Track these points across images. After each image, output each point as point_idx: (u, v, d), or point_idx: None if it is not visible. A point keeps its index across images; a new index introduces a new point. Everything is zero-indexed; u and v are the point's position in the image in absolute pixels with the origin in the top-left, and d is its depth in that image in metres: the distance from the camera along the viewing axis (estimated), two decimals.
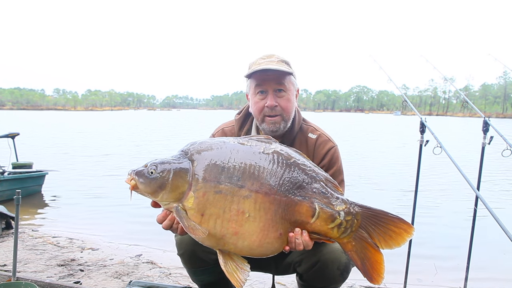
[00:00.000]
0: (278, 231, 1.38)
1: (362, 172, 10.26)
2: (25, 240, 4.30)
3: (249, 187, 1.35)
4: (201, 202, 1.34)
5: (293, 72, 1.79)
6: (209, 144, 1.43)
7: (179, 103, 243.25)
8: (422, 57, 3.44)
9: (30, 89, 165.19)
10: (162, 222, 1.46)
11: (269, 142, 1.47)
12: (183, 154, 1.42)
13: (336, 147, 1.87)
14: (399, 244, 1.39)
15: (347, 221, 1.39)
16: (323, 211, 1.38)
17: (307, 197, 1.38)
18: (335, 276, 1.74)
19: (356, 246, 1.41)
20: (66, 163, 11.09)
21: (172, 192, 1.37)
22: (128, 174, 1.41)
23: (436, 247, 4.73)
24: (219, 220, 1.34)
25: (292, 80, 1.80)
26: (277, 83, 1.74)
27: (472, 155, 12.00)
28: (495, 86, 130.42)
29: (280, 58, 1.79)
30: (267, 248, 1.40)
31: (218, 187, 1.34)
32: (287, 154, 1.43)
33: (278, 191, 1.37)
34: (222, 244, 1.38)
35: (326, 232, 1.40)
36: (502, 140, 2.60)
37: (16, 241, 2.34)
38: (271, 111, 1.75)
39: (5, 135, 7.07)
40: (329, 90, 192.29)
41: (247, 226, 1.35)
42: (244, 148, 1.41)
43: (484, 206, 2.18)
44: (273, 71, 1.72)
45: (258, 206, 1.35)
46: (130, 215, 6.06)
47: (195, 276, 1.94)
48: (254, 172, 1.36)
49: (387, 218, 1.40)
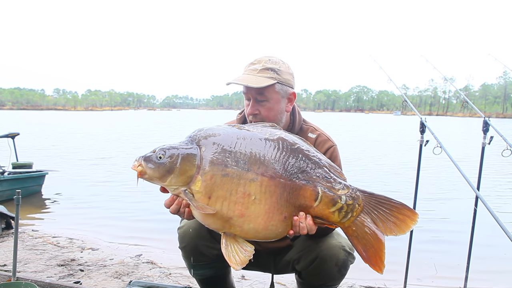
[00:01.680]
0: (283, 214, 1.41)
1: (362, 172, 10.26)
2: (25, 240, 4.30)
3: (255, 170, 1.38)
4: (208, 185, 1.38)
5: (281, 79, 1.74)
6: (216, 130, 1.47)
7: (179, 103, 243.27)
8: (422, 57, 3.44)
9: (30, 89, 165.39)
10: (170, 207, 1.47)
11: (274, 128, 1.52)
12: (190, 140, 1.45)
13: (335, 147, 1.88)
14: (403, 231, 1.41)
15: (348, 206, 1.41)
16: (325, 195, 1.41)
17: (310, 181, 1.41)
18: (333, 273, 1.75)
19: (357, 231, 1.43)
20: (66, 163, 11.09)
21: (180, 176, 1.39)
22: (136, 160, 1.42)
23: (436, 247, 4.74)
24: (225, 202, 1.37)
25: (277, 88, 1.74)
26: (257, 93, 1.73)
27: (472, 155, 12.01)
28: (495, 86, 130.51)
29: (267, 65, 1.74)
30: (272, 230, 1.42)
31: (225, 170, 1.37)
32: (291, 140, 1.47)
33: (283, 175, 1.40)
34: (228, 227, 1.41)
35: (328, 216, 1.43)
36: (502, 140, 2.60)
37: (16, 241, 2.34)
38: (253, 118, 1.77)
39: (5, 135, 7.07)
40: (329, 90, 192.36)
41: (253, 209, 1.37)
42: (250, 134, 1.45)
43: (484, 206, 2.18)
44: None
45: (264, 189, 1.38)
46: (130, 215, 6.07)
47: (195, 271, 1.96)
48: (260, 156, 1.40)
49: (391, 204, 1.43)
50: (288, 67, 1.81)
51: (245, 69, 1.79)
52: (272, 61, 1.77)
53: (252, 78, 1.72)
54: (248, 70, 1.77)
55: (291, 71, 1.81)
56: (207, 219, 1.42)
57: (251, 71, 1.75)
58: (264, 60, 1.77)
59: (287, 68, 1.80)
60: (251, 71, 1.75)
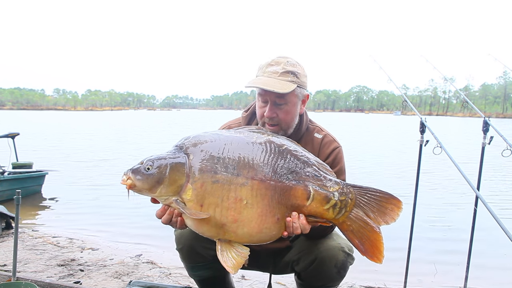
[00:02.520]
0: (275, 216, 1.41)
1: (362, 172, 10.26)
2: (25, 240, 4.30)
3: (245, 175, 1.39)
4: (199, 193, 1.38)
5: (300, 82, 1.71)
6: (203, 137, 1.47)
7: (179, 103, 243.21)
8: (422, 57, 3.44)
9: (30, 89, 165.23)
10: (161, 217, 1.47)
11: (260, 132, 1.52)
12: (178, 149, 1.45)
13: (340, 148, 1.89)
14: (393, 219, 1.44)
15: (341, 201, 1.43)
16: (318, 193, 1.43)
17: (301, 181, 1.43)
18: (333, 274, 1.75)
19: (352, 225, 1.45)
20: (66, 163, 11.09)
21: (170, 186, 1.39)
22: (124, 174, 1.43)
23: (436, 247, 4.74)
24: (218, 209, 1.37)
25: (296, 91, 1.72)
26: (277, 96, 1.69)
27: (472, 155, 12.01)
28: (495, 86, 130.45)
29: (287, 67, 1.69)
30: (266, 233, 1.43)
31: (215, 177, 1.38)
32: (279, 142, 1.48)
33: (273, 177, 1.41)
34: (223, 233, 1.41)
35: (322, 214, 1.44)
36: (502, 140, 2.60)
37: (16, 241, 2.34)
38: (269, 121, 1.75)
39: (5, 135, 7.08)
40: (329, 90, 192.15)
41: (246, 213, 1.38)
42: (238, 139, 1.46)
43: (484, 206, 2.18)
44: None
45: (255, 192, 1.38)
46: (130, 215, 6.07)
47: (193, 272, 1.97)
48: (249, 161, 1.41)
49: (379, 195, 1.45)
50: (303, 69, 1.77)
51: (263, 71, 1.73)
52: (291, 63, 1.72)
53: (275, 82, 1.66)
54: (267, 72, 1.71)
55: (306, 73, 1.78)
56: (200, 227, 1.41)
57: (271, 73, 1.70)
58: (283, 62, 1.72)
59: (303, 70, 1.76)
60: (271, 73, 1.70)
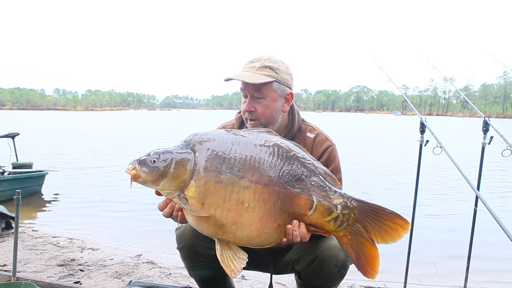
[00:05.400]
0: (276, 222, 1.40)
1: (361, 172, 10.26)
2: (25, 240, 4.30)
3: (249, 178, 1.38)
4: (202, 191, 1.37)
5: (279, 78, 1.74)
6: (211, 135, 1.46)
7: (179, 103, 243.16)
8: (422, 57, 3.44)
9: (30, 89, 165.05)
10: (163, 210, 1.48)
11: (270, 134, 1.50)
12: (185, 144, 1.45)
13: (334, 146, 1.88)
14: (395, 239, 1.42)
15: (343, 215, 1.41)
16: (321, 204, 1.40)
17: (305, 190, 1.41)
18: (333, 273, 1.75)
19: (352, 239, 1.43)
20: (66, 163, 11.09)
21: (173, 181, 1.39)
22: (130, 164, 1.42)
23: (436, 247, 4.74)
24: (219, 209, 1.37)
25: (274, 86, 1.74)
26: (254, 89, 1.73)
27: (472, 155, 12.02)
28: (495, 86, 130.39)
29: (266, 63, 1.74)
30: (265, 238, 1.42)
31: (219, 177, 1.37)
32: (287, 147, 1.46)
33: (278, 183, 1.39)
34: (222, 233, 1.41)
35: (323, 225, 1.42)
36: (502, 140, 2.60)
37: (16, 241, 2.34)
38: (249, 115, 1.77)
39: (5, 135, 7.08)
40: (329, 90, 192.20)
41: (246, 216, 1.37)
42: (246, 140, 1.44)
43: (484, 206, 2.18)
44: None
45: (257, 196, 1.37)
46: (130, 215, 6.07)
47: (193, 271, 1.96)
48: (254, 164, 1.39)
49: (384, 213, 1.42)
50: (287, 67, 1.80)
51: (244, 66, 1.79)
52: (272, 60, 1.77)
53: (249, 75, 1.72)
54: (247, 67, 1.77)
55: (289, 72, 1.81)
56: (200, 225, 1.41)
57: (249, 68, 1.76)
58: (263, 58, 1.77)
59: (286, 68, 1.80)
60: (249, 68, 1.76)
